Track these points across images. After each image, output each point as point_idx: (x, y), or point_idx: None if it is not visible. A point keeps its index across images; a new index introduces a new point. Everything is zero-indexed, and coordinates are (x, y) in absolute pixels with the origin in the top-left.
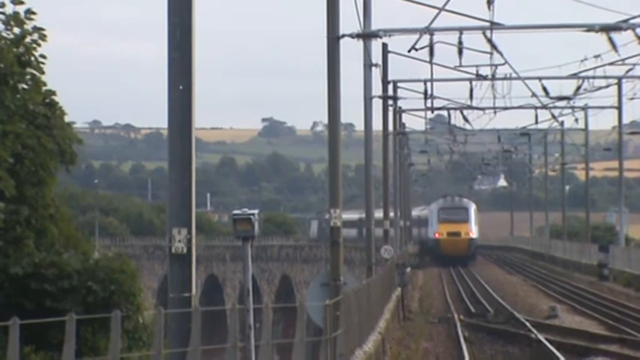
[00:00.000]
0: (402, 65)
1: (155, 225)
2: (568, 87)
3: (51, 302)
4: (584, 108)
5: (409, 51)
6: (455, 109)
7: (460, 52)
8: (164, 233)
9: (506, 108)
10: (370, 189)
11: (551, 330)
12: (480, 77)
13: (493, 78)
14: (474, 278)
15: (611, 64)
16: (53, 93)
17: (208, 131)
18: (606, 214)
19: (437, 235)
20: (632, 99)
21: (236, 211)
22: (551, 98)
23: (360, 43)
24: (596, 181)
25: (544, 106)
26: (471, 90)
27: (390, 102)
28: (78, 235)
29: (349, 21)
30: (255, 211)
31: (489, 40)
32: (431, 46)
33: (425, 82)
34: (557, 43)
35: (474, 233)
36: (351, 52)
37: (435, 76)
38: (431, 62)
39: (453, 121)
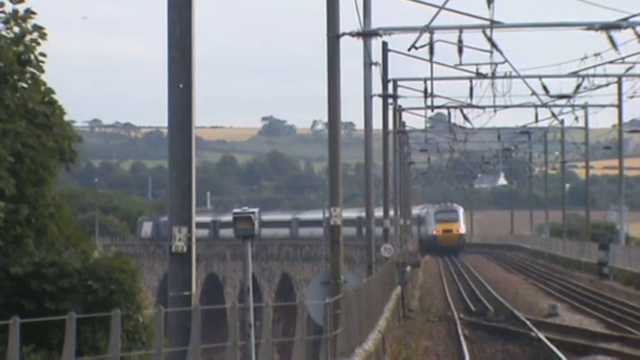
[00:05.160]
0: (401, 64)
1: None
2: (568, 85)
3: (51, 301)
4: (584, 106)
5: (409, 49)
6: (455, 107)
7: (460, 50)
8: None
9: (506, 106)
10: (370, 188)
11: (551, 328)
12: (479, 76)
13: (493, 76)
14: (474, 277)
15: (611, 62)
16: (53, 92)
17: (208, 130)
18: (606, 212)
19: (434, 232)
20: (632, 97)
21: (236, 210)
22: (551, 96)
23: (360, 42)
24: (596, 179)
25: (544, 105)
26: (471, 88)
27: (390, 100)
28: (78, 234)
29: (349, 19)
30: (256, 210)
31: (489, 39)
32: (431, 45)
33: (425, 80)
34: (557, 41)
35: (462, 230)
36: (351, 50)
37: (435, 75)
38: (431, 61)
39: (453, 120)
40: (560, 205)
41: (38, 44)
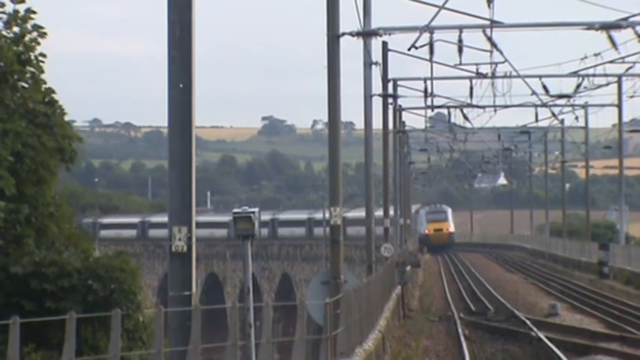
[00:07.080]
0: (401, 63)
1: None
2: (568, 85)
3: (51, 301)
4: (585, 106)
5: (409, 49)
6: (455, 107)
7: (460, 50)
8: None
9: (506, 106)
10: (370, 187)
11: (551, 328)
12: (479, 75)
13: (493, 76)
14: (474, 276)
15: (611, 62)
16: (53, 91)
17: (208, 130)
18: (606, 212)
19: (427, 231)
20: (632, 97)
21: (236, 210)
22: (551, 96)
23: (360, 42)
24: (596, 179)
25: (544, 104)
26: (471, 88)
27: (390, 100)
28: (78, 233)
29: (349, 19)
30: (256, 210)
31: (489, 38)
32: (431, 45)
33: (425, 80)
34: (557, 41)
35: (452, 229)
36: (351, 50)
37: (435, 75)
38: (431, 60)
39: (453, 120)
40: (560, 205)
41: (38, 44)
